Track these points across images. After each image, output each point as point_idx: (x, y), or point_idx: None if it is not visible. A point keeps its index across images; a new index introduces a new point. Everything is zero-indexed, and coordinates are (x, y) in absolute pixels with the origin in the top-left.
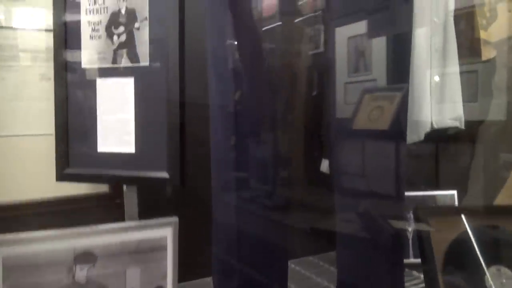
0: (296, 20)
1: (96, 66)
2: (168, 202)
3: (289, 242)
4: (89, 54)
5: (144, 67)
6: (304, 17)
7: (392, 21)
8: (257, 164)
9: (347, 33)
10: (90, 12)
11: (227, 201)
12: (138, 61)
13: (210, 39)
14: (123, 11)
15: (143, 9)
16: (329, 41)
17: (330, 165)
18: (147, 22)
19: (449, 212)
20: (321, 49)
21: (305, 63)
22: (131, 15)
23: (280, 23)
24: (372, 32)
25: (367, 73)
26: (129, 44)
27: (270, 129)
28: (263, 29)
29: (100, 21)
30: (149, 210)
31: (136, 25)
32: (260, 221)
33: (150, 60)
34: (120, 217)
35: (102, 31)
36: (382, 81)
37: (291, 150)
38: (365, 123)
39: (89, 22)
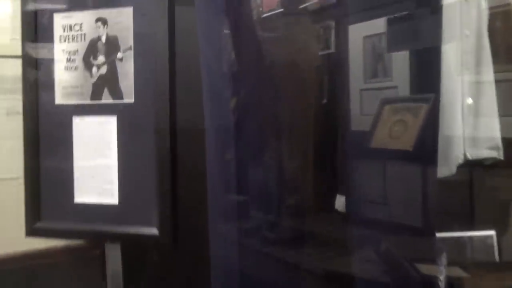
0: (301, 16)
1: (72, 102)
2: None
3: (296, 285)
4: (64, 88)
5: (128, 104)
6: (310, 12)
7: (416, 33)
8: (257, 189)
9: (363, 31)
10: (64, 39)
11: (224, 233)
12: (121, 97)
13: (204, 52)
14: (103, 39)
15: (127, 37)
16: (341, 41)
17: (345, 191)
18: (131, 52)
19: (492, 265)
20: (332, 49)
21: (313, 66)
22: (113, 43)
23: (282, 19)
24: (394, 46)
25: (386, 79)
26: (111, 77)
27: (272, 147)
28: (263, 27)
29: (77, 50)
30: (136, 263)
31: (119, 55)
32: (261, 258)
33: (136, 96)
34: (101, 272)
35: (79, 62)
36: (404, 89)
37: (297, 172)
38: (386, 140)
39: (63, 51)
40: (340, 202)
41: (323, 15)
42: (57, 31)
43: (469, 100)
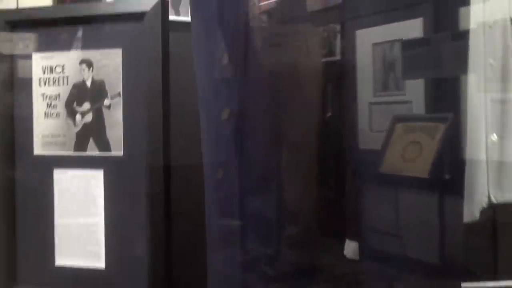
0: (302, 19)
1: (52, 152)
2: None
3: None
4: (44, 137)
5: (117, 158)
6: (312, 13)
7: (435, 59)
8: (255, 217)
9: (372, 38)
10: (45, 82)
11: (219, 265)
12: (108, 149)
13: (200, 75)
14: (88, 83)
15: (115, 81)
16: (348, 47)
17: (350, 219)
18: (120, 99)
19: None
20: (337, 56)
21: (315, 75)
22: (100, 88)
23: (279, 21)
24: (409, 72)
25: (399, 92)
26: (97, 127)
27: (271, 170)
28: (259, 33)
29: (59, 95)
30: None
31: (106, 102)
32: None
33: (125, 149)
34: None
35: (60, 108)
36: (419, 105)
37: (299, 197)
38: (399, 164)
39: (43, 96)
40: (350, 248)
41: (327, 17)
42: (36, 73)
43: (494, 137)
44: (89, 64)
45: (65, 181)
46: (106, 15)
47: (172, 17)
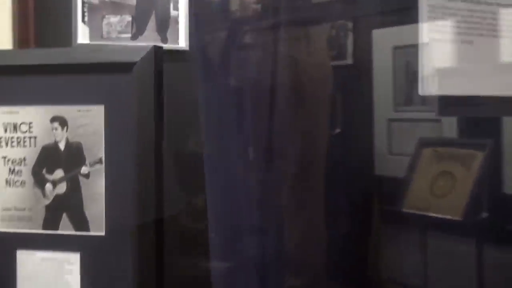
0: (304, 15)
1: (16, 229)
2: None
3: None
4: (5, 210)
5: (97, 238)
6: (318, 7)
7: None
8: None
9: (393, 39)
10: (7, 142)
11: None
12: (87, 228)
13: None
14: (62, 146)
15: (95, 144)
16: (362, 50)
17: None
18: (101, 167)
19: None
20: (348, 61)
21: (320, 84)
22: (76, 153)
23: (278, 20)
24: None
25: (425, 108)
26: (72, 199)
27: (270, 205)
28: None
29: (24, 159)
30: None
31: (84, 169)
32: None
33: (107, 227)
34: None
35: (26, 175)
36: (451, 125)
37: (302, 240)
38: (426, 200)
39: (5, 159)
40: None
41: (337, 13)
42: None
43: None
44: (62, 122)
45: (31, 265)
46: (85, 64)
47: (159, 44)
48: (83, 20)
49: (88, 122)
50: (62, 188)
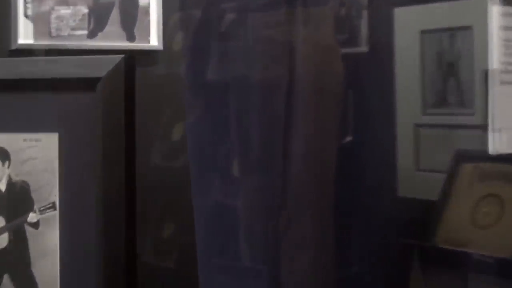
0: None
1: None
2: None
3: None
4: None
5: None
6: None
7: None
8: None
9: (420, 22)
10: None
11: None
12: None
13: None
14: (2, 187)
15: (47, 184)
16: (380, 34)
17: None
18: (55, 214)
19: None
20: (362, 48)
21: (326, 77)
22: (21, 196)
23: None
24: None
25: (464, 110)
26: (17, 256)
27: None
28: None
29: None
30: None
31: (32, 217)
32: None
33: None
34: None
35: None
36: None
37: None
38: (465, 233)
39: None
40: None
41: None
42: None
43: None
44: (2, 155)
45: None
46: (33, 79)
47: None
48: (25, 14)
49: (37, 155)
50: (2, 241)
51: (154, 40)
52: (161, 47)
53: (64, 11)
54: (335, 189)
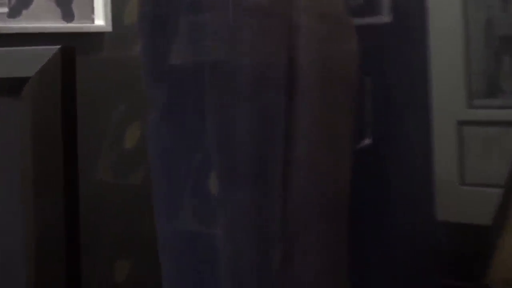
0: None
1: None
2: None
3: None
4: None
5: None
6: None
7: None
8: None
9: None
10: None
11: None
12: None
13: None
14: None
15: None
16: (407, 1)
17: None
18: None
19: None
20: (384, 17)
21: (337, 59)
22: None
23: None
24: None
25: None
26: None
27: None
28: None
29: None
30: None
31: None
32: None
33: None
34: None
35: None
36: None
37: None
38: None
39: None
40: None
41: None
42: None
43: None
44: None
45: None
46: None
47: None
48: None
49: None
50: None
51: (100, 19)
52: (109, 28)
53: None
54: (350, 211)
